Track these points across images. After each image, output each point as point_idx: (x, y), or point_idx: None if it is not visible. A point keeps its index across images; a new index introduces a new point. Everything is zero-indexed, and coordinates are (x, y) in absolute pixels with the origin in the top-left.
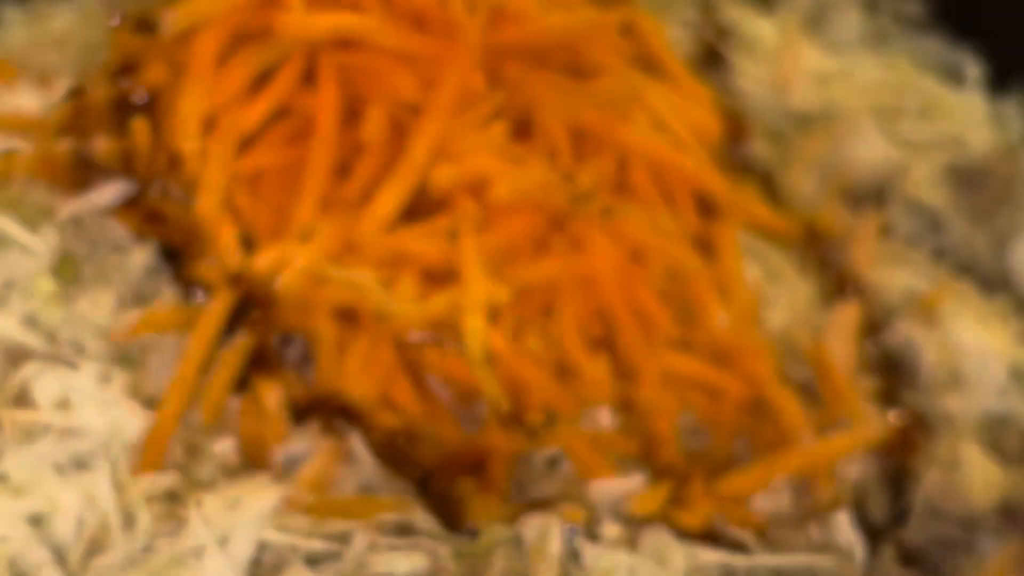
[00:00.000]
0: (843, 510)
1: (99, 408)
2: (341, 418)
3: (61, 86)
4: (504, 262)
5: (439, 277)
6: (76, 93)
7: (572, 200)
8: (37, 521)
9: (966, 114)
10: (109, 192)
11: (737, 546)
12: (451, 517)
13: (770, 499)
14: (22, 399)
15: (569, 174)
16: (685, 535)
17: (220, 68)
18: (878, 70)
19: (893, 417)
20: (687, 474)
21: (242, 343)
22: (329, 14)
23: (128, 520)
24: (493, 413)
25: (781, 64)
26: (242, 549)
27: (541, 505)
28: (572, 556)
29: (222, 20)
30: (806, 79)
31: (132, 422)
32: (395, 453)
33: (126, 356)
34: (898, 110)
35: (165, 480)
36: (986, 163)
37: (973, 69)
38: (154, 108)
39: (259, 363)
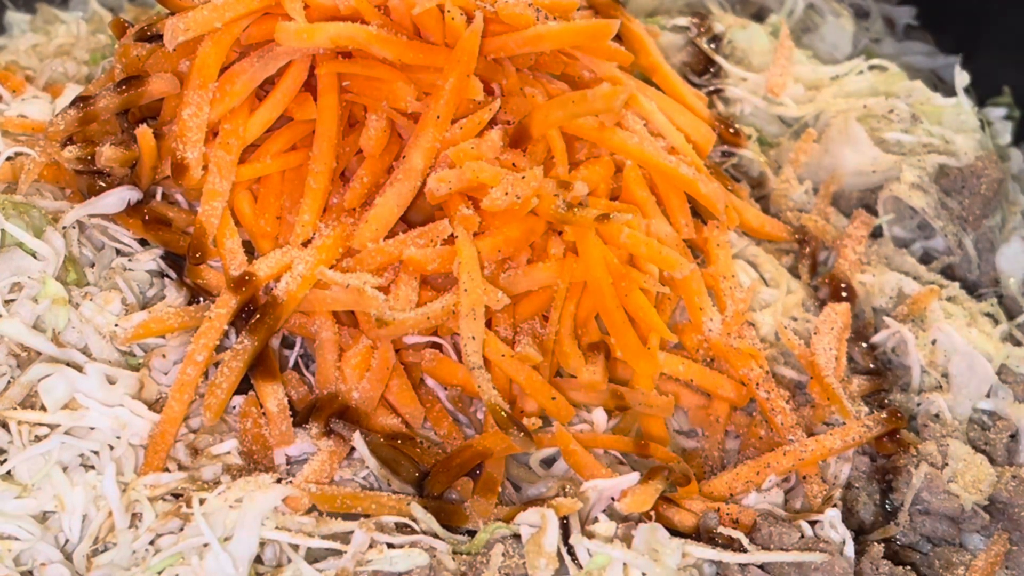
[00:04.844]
0: (833, 508)
1: (104, 409)
2: (341, 420)
3: (68, 94)
4: (501, 267)
5: (437, 282)
6: (82, 101)
7: (567, 206)
8: (44, 519)
9: (954, 120)
10: (114, 198)
11: (729, 543)
12: (450, 516)
13: (761, 498)
14: (29, 400)
15: (565, 181)
16: (678, 532)
17: (223, 77)
18: (868, 77)
19: (882, 417)
20: (680, 473)
21: (244, 346)
22: (329, 24)
23: (133, 519)
24: (490, 415)
25: (773, 71)
26: (244, 547)
27: (537, 504)
28: (568, 552)
29: (225, 31)
30: (797, 86)
31: (137, 423)
32: (395, 454)
33: (131, 359)
34: (887, 116)
35: (169, 480)
36: (974, 167)
37: (961, 76)
38: (159, 116)
39: (260, 366)
